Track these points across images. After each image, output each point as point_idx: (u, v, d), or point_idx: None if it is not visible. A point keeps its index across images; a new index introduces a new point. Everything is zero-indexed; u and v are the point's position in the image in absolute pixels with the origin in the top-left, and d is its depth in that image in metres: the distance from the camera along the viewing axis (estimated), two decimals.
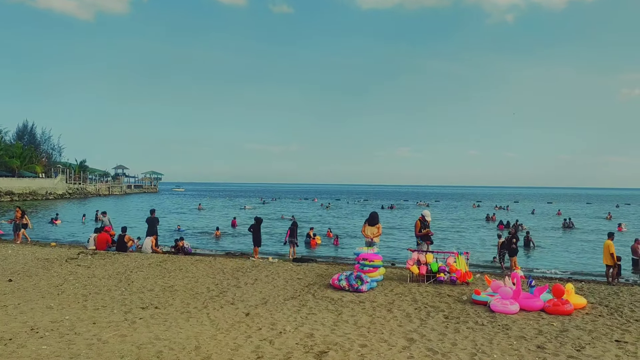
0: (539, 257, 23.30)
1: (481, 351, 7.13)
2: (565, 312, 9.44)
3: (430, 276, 12.42)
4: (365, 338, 7.69)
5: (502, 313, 9.44)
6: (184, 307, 9.51)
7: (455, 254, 12.96)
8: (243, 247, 23.78)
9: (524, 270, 16.26)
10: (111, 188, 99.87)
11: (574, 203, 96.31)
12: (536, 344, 7.52)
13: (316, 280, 12.55)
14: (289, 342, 7.39)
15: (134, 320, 8.46)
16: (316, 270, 14.21)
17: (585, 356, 6.99)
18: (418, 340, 7.64)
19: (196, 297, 10.41)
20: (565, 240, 30.71)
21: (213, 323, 8.38)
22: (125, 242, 18.63)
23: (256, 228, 18.62)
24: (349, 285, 11.20)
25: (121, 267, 14.17)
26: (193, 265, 14.75)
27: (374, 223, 13.82)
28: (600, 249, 25.67)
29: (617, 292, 11.88)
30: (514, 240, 17.35)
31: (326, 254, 22.54)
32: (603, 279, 16.09)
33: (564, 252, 25.29)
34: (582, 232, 36.76)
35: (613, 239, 15.23)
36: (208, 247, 24.66)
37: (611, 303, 10.54)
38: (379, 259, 12.30)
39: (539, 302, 9.86)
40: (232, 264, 15.07)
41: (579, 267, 20.18)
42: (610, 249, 14.83)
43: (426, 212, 14.03)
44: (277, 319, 8.70)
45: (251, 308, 9.53)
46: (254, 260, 16.47)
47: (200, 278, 12.64)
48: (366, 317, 9.02)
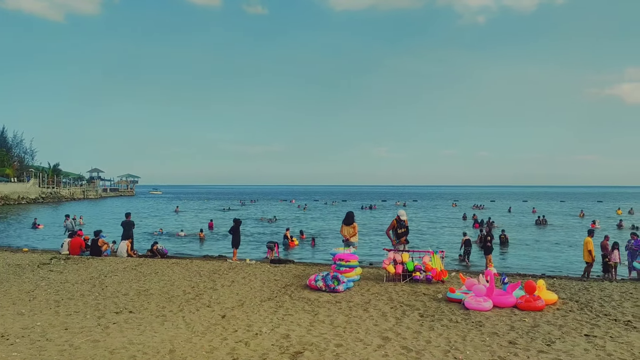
0: (513, 254, 23.70)
1: (454, 348, 7.23)
2: (537, 308, 9.64)
3: (407, 275, 12.54)
4: (341, 338, 7.73)
5: (476, 310, 9.59)
6: (159, 311, 9.42)
7: (431, 252, 13.11)
8: (222, 250, 23.67)
9: (499, 268, 16.56)
10: (86, 192, 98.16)
11: (548, 201, 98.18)
12: (508, 340, 7.66)
13: (293, 281, 12.57)
14: (264, 343, 7.39)
15: (107, 325, 8.35)
16: (293, 272, 14.22)
17: (555, 351, 7.14)
18: (393, 338, 7.71)
19: (172, 301, 10.32)
20: (538, 237, 31.30)
21: (188, 326, 8.33)
22: (100, 247, 18.35)
23: (235, 230, 18.55)
24: (325, 285, 11.24)
25: (95, 271, 13.97)
26: (169, 268, 14.62)
27: (350, 223, 13.88)
28: (572, 246, 26.35)
29: (587, 287, 12.16)
30: (489, 239, 17.62)
31: (303, 255, 22.58)
32: (574, 274, 16.47)
33: (537, 249, 25.77)
34: (555, 229, 37.53)
35: (592, 237, 15.50)
36: (185, 250, 24.48)
37: (581, 298, 10.79)
38: (355, 259, 12.37)
39: (511, 298, 10.04)
40: (209, 266, 14.98)
41: (552, 264, 20.58)
42: (588, 246, 15.09)
43: (401, 211, 14.13)
44: (253, 321, 8.69)
45: (227, 310, 9.50)
46: (231, 262, 16.40)
47: (176, 281, 12.54)
48: (342, 317, 9.07)
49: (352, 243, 13.57)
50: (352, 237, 13.70)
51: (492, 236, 17.59)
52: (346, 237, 13.83)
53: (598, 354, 7.00)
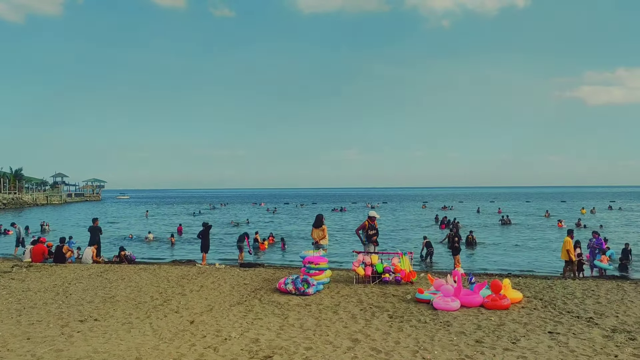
0: (481, 254, 24.14)
1: (423, 348, 7.32)
2: (503, 307, 9.84)
3: (376, 277, 12.62)
4: (310, 341, 7.73)
5: (444, 310, 9.72)
6: (125, 318, 9.24)
7: (400, 254, 13.23)
8: (191, 254, 23.37)
9: (467, 268, 16.85)
10: (49, 197, 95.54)
11: (514, 201, 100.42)
12: (475, 339, 7.79)
13: (263, 285, 12.50)
14: (233, 348, 7.33)
15: (71, 334, 8.14)
16: (263, 275, 14.15)
17: (520, 348, 7.30)
18: (363, 340, 7.75)
19: (139, 307, 10.13)
20: (504, 237, 31.96)
21: (156, 333, 8.19)
22: (64, 253, 17.89)
23: (205, 234, 18.36)
24: (295, 288, 11.22)
25: (59, 279, 13.60)
26: (136, 274, 14.35)
27: (319, 225, 13.89)
28: (536, 245, 27.01)
29: (551, 285, 12.47)
30: (456, 239, 17.90)
31: (273, 259, 22.51)
32: (538, 273, 16.88)
33: (504, 249, 26.31)
34: (520, 228, 38.41)
35: (572, 237, 15.80)
36: (154, 255, 24.10)
37: (545, 296, 11.06)
38: (325, 261, 12.38)
39: (478, 298, 10.22)
40: (178, 272, 14.76)
41: (517, 263, 21.04)
42: (567, 246, 15.39)
43: (373, 212, 14.22)
44: (222, 326, 8.61)
45: (196, 315, 9.38)
46: (200, 267, 16.20)
47: (143, 287, 12.32)
48: (312, 319, 9.07)
49: (321, 246, 13.57)
50: (321, 240, 13.70)
51: (460, 237, 17.89)
52: (316, 240, 13.83)
53: (561, 350, 7.19)
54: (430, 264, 19.86)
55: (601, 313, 9.44)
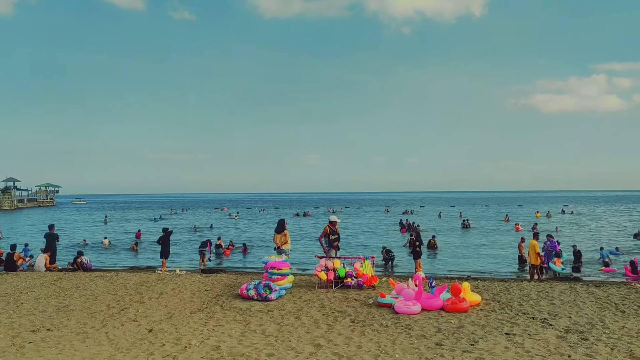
0: (442, 258, 24.55)
1: (384, 352, 7.37)
2: (462, 310, 10.02)
3: (338, 281, 12.66)
4: (272, 347, 7.66)
5: (405, 314, 9.82)
6: (80, 328, 8.94)
7: (362, 258, 13.32)
8: (150, 261, 22.86)
9: (428, 272, 17.12)
10: (0, 203, 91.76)
11: (474, 206, 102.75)
12: (435, 342, 7.90)
13: (224, 291, 12.34)
14: (193, 356, 7.19)
15: (22, 345, 7.81)
16: (225, 281, 13.97)
17: (478, 350, 7.45)
18: (325, 345, 7.75)
19: (94, 316, 9.82)
20: (464, 241, 32.63)
21: (112, 342, 7.95)
22: (15, 261, 17.18)
23: (165, 240, 17.99)
24: (257, 294, 11.13)
25: (9, 288, 13.06)
26: (92, 282, 13.93)
27: (281, 230, 13.83)
28: (495, 249, 27.68)
29: (508, 288, 12.79)
30: (417, 243, 18.13)
31: (235, 264, 22.28)
32: (497, 275, 17.29)
33: (464, 252, 26.85)
34: (479, 232, 39.31)
35: (538, 239, 16.12)
36: (114, 262, 23.47)
37: (502, 298, 11.34)
38: (287, 266, 12.33)
39: (438, 301, 10.38)
40: (136, 279, 14.41)
41: (477, 266, 21.51)
42: (535, 249, 15.70)
43: (333, 217, 14.27)
44: (182, 334, 8.44)
45: (155, 324, 9.16)
46: (160, 273, 15.87)
47: (99, 295, 11.96)
48: (274, 325, 9.00)
49: (284, 251, 13.52)
50: (283, 245, 13.64)
51: (421, 241, 18.10)
52: (278, 245, 13.77)
53: (517, 351, 7.37)
54: (391, 269, 20.07)
55: (555, 314, 9.74)
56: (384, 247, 22.54)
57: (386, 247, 22.35)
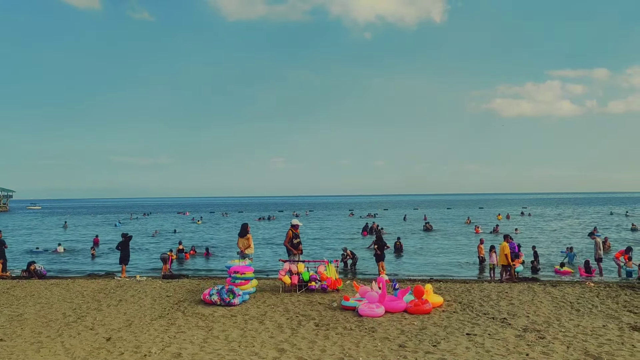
0: (407, 260, 24.79)
1: (348, 355, 7.38)
2: (425, 311, 10.15)
3: (302, 285, 12.62)
4: (235, 352, 7.57)
5: (369, 317, 9.87)
6: (34, 337, 8.61)
7: (326, 262, 13.32)
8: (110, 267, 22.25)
9: (394, 274, 17.24)
10: None
11: (436, 208, 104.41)
12: (398, 344, 7.96)
13: (187, 297, 12.12)
14: None
15: None
16: (187, 286, 13.73)
17: (440, 351, 7.55)
18: (289, 350, 7.70)
19: (49, 325, 9.48)
20: (427, 243, 33.05)
21: (68, 352, 7.69)
22: None
23: (124, 245, 17.55)
24: (220, 299, 10.98)
25: None
26: (47, 289, 13.45)
27: (244, 234, 13.69)
28: (457, 250, 28.16)
29: (470, 289, 13.03)
30: (376, 247, 18.27)
31: (198, 269, 21.93)
32: (459, 277, 17.58)
33: (426, 254, 27.19)
34: (441, 234, 39.92)
35: (508, 242, 16.32)
36: (71, 269, 22.73)
37: (464, 299, 11.54)
38: (251, 271, 12.21)
39: (402, 303, 10.48)
40: (94, 286, 14.00)
41: (439, 268, 21.81)
42: (505, 250, 15.87)
43: (295, 221, 14.20)
44: (142, 341, 8.24)
45: (113, 332, 8.91)
46: (120, 280, 15.46)
47: (55, 303, 11.56)
48: (237, 330, 8.90)
49: (247, 255, 13.37)
50: (247, 249, 13.49)
51: (382, 244, 18.18)
52: (241, 249, 13.62)
53: (478, 351, 7.51)
54: (354, 271, 20.14)
55: (514, 314, 9.98)
56: (345, 248, 22.58)
57: (347, 248, 22.38)
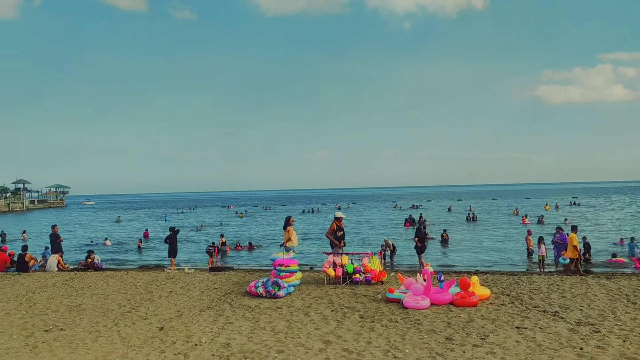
0: (452, 251, 24.49)
1: (394, 347, 7.37)
2: (471, 304, 10.00)
3: (347, 277, 12.67)
4: (282, 343, 7.70)
5: (414, 309, 9.82)
6: (92, 327, 9.02)
7: (370, 254, 13.31)
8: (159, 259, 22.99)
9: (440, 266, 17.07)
10: (11, 204, 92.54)
11: (481, 199, 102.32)
12: (445, 336, 7.90)
13: (233, 289, 12.39)
14: (204, 353, 7.24)
15: (35, 344, 7.90)
16: (233, 279, 14.03)
17: (488, 344, 7.44)
18: (334, 341, 7.76)
19: (106, 315, 9.91)
20: (472, 235, 32.51)
21: (124, 340, 8.02)
22: (27, 262, 17.32)
23: (172, 239, 18.08)
24: (266, 291, 11.16)
25: (22, 288, 13.18)
26: (103, 281, 14.03)
27: (285, 227, 13.86)
28: (507, 243, 27.55)
29: (518, 281, 12.74)
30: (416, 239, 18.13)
31: (243, 262, 22.35)
32: (506, 269, 17.22)
33: (472, 246, 26.76)
34: (487, 226, 39.14)
35: (577, 232, 15.75)
36: (124, 261, 23.64)
37: (512, 292, 11.30)
38: (295, 263, 12.35)
39: (447, 295, 10.36)
40: (146, 278, 14.50)
41: (486, 259, 21.44)
42: (574, 242, 15.29)
43: (338, 213, 14.30)
44: (192, 331, 8.49)
45: (165, 322, 9.23)
46: (169, 272, 15.95)
47: (110, 294, 12.05)
48: (283, 322, 9.03)
49: (291, 248, 13.52)
50: (289, 242, 13.63)
51: (422, 236, 18.06)
52: (285, 242, 13.78)
53: (528, 344, 7.35)
54: (392, 263, 20.03)
55: (566, 307, 9.70)
56: (386, 239, 22.49)
57: (388, 239, 22.25)
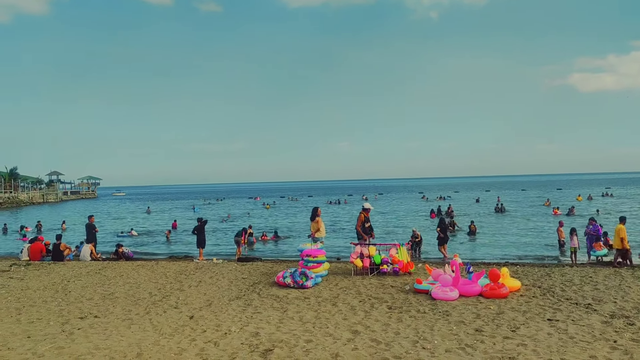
0: (480, 243, 24.18)
1: (423, 338, 7.34)
2: (501, 295, 9.87)
3: (374, 268, 12.65)
4: (310, 333, 7.74)
5: (443, 300, 9.75)
6: (125, 314, 9.24)
7: (397, 245, 13.26)
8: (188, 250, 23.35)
9: (467, 257, 16.88)
10: (45, 196, 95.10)
11: (510, 190, 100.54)
12: (474, 328, 7.82)
13: (261, 279, 12.51)
14: (234, 342, 7.34)
15: (71, 331, 8.13)
16: (261, 269, 14.16)
17: (519, 336, 7.34)
18: (362, 331, 7.78)
19: (138, 303, 10.13)
20: (502, 227, 31.98)
21: (156, 328, 8.19)
22: (62, 251, 17.83)
23: (200, 229, 18.34)
24: (293, 282, 11.24)
25: (57, 277, 13.58)
26: (134, 270, 14.34)
27: (313, 218, 13.88)
28: (537, 234, 27.04)
29: (549, 273, 12.53)
30: (439, 229, 18.04)
31: (270, 252, 22.51)
32: (536, 261, 16.93)
33: (502, 237, 26.35)
34: (517, 217, 38.43)
35: (624, 224, 15.18)
36: (152, 251, 24.09)
37: (544, 284, 11.11)
38: (323, 254, 12.39)
39: (476, 287, 10.26)
40: (175, 267, 14.76)
41: (516, 251, 21.10)
42: (620, 234, 14.65)
43: (367, 204, 14.23)
44: (222, 320, 8.62)
45: (195, 311, 9.38)
46: (198, 262, 16.20)
47: (142, 283, 12.31)
48: (311, 312, 9.09)
49: (318, 238, 13.56)
50: (317, 233, 13.67)
51: (446, 226, 18.02)
52: (312, 233, 13.83)
53: (561, 337, 7.23)
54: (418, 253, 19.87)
55: (599, 299, 9.50)
56: (414, 229, 22.31)
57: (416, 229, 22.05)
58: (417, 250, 20.19)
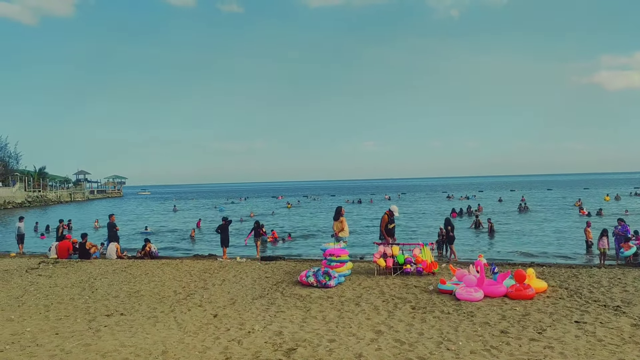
0: (502, 242, 23.83)
1: (447, 339, 7.27)
2: (527, 297, 9.71)
3: (397, 268, 12.58)
4: (333, 333, 7.74)
5: (467, 300, 9.64)
6: (150, 312, 9.37)
7: (421, 245, 13.16)
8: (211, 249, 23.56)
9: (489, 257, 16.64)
10: (73, 194, 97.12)
11: (535, 189, 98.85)
12: (500, 329, 7.71)
13: (284, 278, 12.55)
14: (257, 341, 7.38)
15: (98, 328, 8.28)
16: (284, 268, 14.20)
17: (546, 338, 7.21)
18: (386, 331, 7.74)
19: (163, 301, 10.26)
20: (527, 226, 31.45)
21: (180, 326, 8.29)
22: (88, 249, 18.17)
23: (224, 228, 18.48)
24: (317, 281, 11.24)
25: (84, 274, 13.84)
26: (159, 269, 14.53)
27: (338, 218, 13.87)
28: (563, 234, 26.53)
29: (577, 274, 12.27)
30: (449, 228, 17.93)
31: (294, 252, 22.56)
32: (564, 261, 16.60)
33: (527, 237, 25.92)
34: (543, 217, 37.75)
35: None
36: (176, 250, 24.39)
37: (571, 285, 10.89)
38: (346, 253, 12.37)
39: (502, 288, 10.11)
40: (200, 266, 14.91)
41: (542, 252, 20.74)
42: None
43: (394, 207, 14.13)
44: (245, 319, 8.67)
45: (219, 309, 9.46)
46: (222, 261, 16.34)
47: (166, 282, 12.47)
48: (335, 312, 9.08)
49: (341, 238, 13.54)
50: (340, 232, 13.65)
51: (453, 226, 17.93)
52: (336, 232, 13.82)
53: (589, 339, 7.08)
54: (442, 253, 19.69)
55: (629, 301, 9.27)
56: (441, 227, 22.12)
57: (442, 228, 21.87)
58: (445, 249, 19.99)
